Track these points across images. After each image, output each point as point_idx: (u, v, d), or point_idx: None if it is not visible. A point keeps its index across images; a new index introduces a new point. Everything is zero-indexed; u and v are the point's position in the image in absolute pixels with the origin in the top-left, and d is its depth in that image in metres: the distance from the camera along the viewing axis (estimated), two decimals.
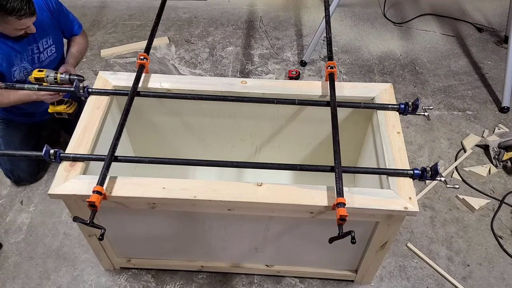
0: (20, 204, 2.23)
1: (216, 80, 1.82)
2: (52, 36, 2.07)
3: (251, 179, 1.47)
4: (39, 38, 2.00)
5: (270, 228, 1.63)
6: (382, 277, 1.97)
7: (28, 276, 1.96)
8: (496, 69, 3.08)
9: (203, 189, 1.42)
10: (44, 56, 2.06)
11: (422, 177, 1.44)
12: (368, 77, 3.02)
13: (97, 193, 1.31)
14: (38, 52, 2.02)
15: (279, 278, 1.96)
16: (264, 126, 1.99)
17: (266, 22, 3.52)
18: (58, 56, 2.14)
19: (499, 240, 2.10)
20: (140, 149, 2.15)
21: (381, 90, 1.76)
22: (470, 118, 2.72)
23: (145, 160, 1.50)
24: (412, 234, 2.12)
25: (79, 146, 1.53)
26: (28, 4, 1.72)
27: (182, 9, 3.64)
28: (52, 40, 2.07)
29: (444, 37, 3.38)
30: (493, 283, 1.95)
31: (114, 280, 1.94)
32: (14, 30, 1.82)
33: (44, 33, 2.02)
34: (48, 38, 2.04)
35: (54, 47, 2.09)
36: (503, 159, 2.38)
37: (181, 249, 1.83)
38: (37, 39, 2.00)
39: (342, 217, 1.27)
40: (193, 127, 2.02)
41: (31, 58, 2.01)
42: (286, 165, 1.51)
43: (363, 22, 3.53)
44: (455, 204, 2.26)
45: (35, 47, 2.00)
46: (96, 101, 1.70)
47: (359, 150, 2.03)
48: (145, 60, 1.76)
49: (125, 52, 3.19)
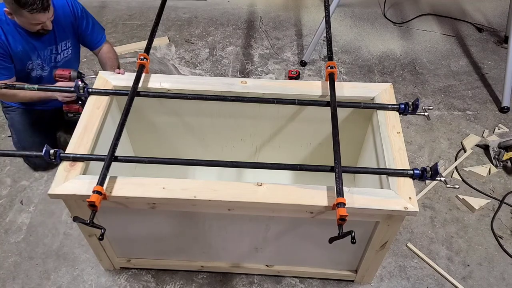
0: (20, 204, 2.23)
1: (216, 80, 1.82)
2: (71, 39, 2.14)
3: (251, 179, 1.47)
4: (59, 40, 2.08)
5: (270, 228, 1.63)
6: (382, 277, 1.97)
7: (28, 276, 1.96)
8: (496, 69, 3.08)
9: (203, 189, 1.42)
10: (60, 57, 2.14)
11: (422, 177, 1.44)
12: (368, 77, 3.02)
13: (97, 193, 1.31)
14: (56, 53, 2.11)
15: (279, 278, 1.96)
16: (264, 126, 1.99)
17: (266, 22, 3.52)
18: (72, 58, 2.21)
19: (499, 240, 2.10)
20: (140, 149, 2.15)
21: (381, 90, 1.76)
22: (470, 118, 2.72)
23: (145, 160, 1.50)
24: (412, 234, 2.12)
25: (79, 146, 1.54)
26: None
27: (182, 9, 3.64)
28: (70, 43, 2.14)
29: (444, 37, 3.38)
30: (493, 283, 1.95)
31: (114, 280, 1.94)
32: (30, 24, 1.87)
33: (65, 36, 2.09)
34: (68, 41, 2.13)
35: (71, 49, 2.16)
36: (503, 159, 2.38)
37: (181, 249, 1.83)
38: (58, 41, 2.07)
39: (342, 217, 1.27)
40: (193, 127, 2.02)
41: (49, 58, 2.09)
42: (286, 165, 1.51)
43: (363, 22, 3.53)
44: (455, 204, 2.25)
45: (54, 48, 2.08)
46: (96, 101, 1.70)
47: (359, 150, 2.03)
48: (145, 60, 1.76)
49: (125, 52, 3.19)
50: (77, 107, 1.88)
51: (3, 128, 2.60)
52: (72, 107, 1.90)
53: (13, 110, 2.27)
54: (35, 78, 2.12)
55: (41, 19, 1.83)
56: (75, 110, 1.90)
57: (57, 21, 2.00)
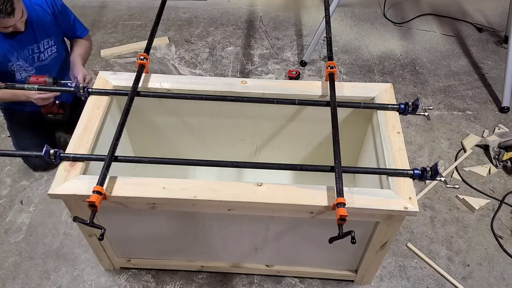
0: (20, 204, 2.23)
1: (216, 80, 1.82)
2: (54, 37, 2.11)
3: (251, 179, 1.47)
4: (40, 38, 2.05)
5: (270, 228, 1.63)
6: (382, 277, 1.97)
7: (28, 276, 1.96)
8: (496, 69, 3.08)
9: (203, 189, 1.42)
10: (45, 56, 2.10)
11: (422, 177, 1.44)
12: (368, 77, 3.02)
13: (97, 193, 1.31)
14: (39, 52, 2.07)
15: (279, 278, 1.96)
16: (264, 126, 1.99)
17: (266, 22, 3.52)
18: (60, 55, 2.18)
19: (499, 240, 2.10)
20: (140, 149, 2.15)
21: (381, 90, 1.76)
22: (470, 118, 2.72)
23: (145, 160, 1.50)
24: (412, 234, 2.12)
25: (79, 146, 1.53)
26: (5, 4, 1.73)
27: (182, 9, 3.64)
28: (53, 41, 2.11)
29: (444, 37, 3.38)
30: (493, 283, 1.95)
31: (114, 280, 1.94)
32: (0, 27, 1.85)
33: (45, 34, 2.06)
34: (50, 39, 2.10)
35: (55, 47, 2.13)
36: (503, 159, 2.38)
37: (181, 249, 1.83)
38: (38, 39, 2.04)
39: (342, 217, 1.27)
40: (193, 127, 2.02)
41: (31, 57, 2.05)
42: (286, 165, 1.51)
43: (363, 22, 3.53)
44: (455, 204, 2.25)
45: (35, 47, 2.05)
46: (96, 101, 1.70)
47: (359, 150, 2.03)
48: (145, 60, 1.76)
49: (125, 52, 3.19)
50: (56, 108, 1.88)
51: (3, 128, 2.60)
52: (51, 108, 1.90)
53: (10, 112, 2.27)
54: (20, 81, 2.08)
55: (8, 23, 1.81)
56: (55, 111, 1.90)
57: (35, 20, 1.98)
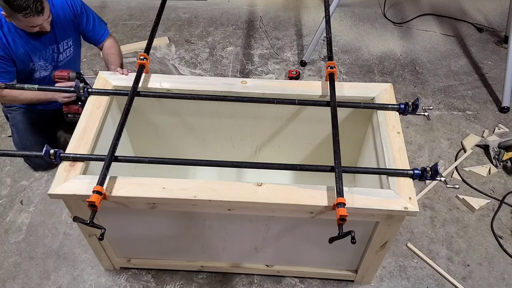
0: (20, 204, 2.23)
1: (216, 80, 1.82)
2: (73, 38, 2.14)
3: (251, 179, 1.47)
4: (61, 39, 2.08)
5: (270, 228, 1.63)
6: (382, 277, 1.97)
7: (28, 276, 1.96)
8: (496, 69, 3.08)
9: (203, 189, 1.42)
10: (63, 56, 2.14)
11: (422, 177, 1.44)
12: (368, 77, 3.01)
13: (97, 193, 1.31)
14: (58, 52, 2.11)
15: (279, 278, 1.96)
16: (264, 126, 1.99)
17: (266, 22, 3.52)
18: (74, 56, 2.21)
19: (499, 240, 2.10)
20: (140, 149, 2.15)
21: (381, 90, 1.76)
22: (470, 118, 2.72)
23: (145, 160, 1.50)
24: (412, 234, 2.12)
25: (79, 146, 1.54)
26: (35, 3, 1.75)
27: (182, 9, 3.64)
28: (72, 42, 2.14)
29: (444, 37, 3.38)
30: (493, 283, 1.95)
31: (114, 280, 1.94)
32: (27, 27, 1.87)
33: (65, 35, 2.09)
34: (69, 39, 2.12)
35: (72, 48, 2.16)
36: (503, 159, 2.38)
37: (181, 249, 1.83)
38: (59, 40, 2.07)
39: (342, 217, 1.27)
40: (193, 127, 2.02)
41: (51, 57, 2.09)
42: (286, 165, 1.51)
43: (363, 22, 3.53)
44: (455, 204, 2.25)
45: (55, 47, 2.08)
46: (96, 101, 1.70)
47: (359, 150, 2.03)
48: (145, 60, 1.76)
49: (125, 52, 3.18)
50: (77, 108, 1.88)
51: (3, 128, 2.60)
52: (72, 108, 1.90)
53: (15, 110, 2.28)
54: (38, 79, 2.12)
55: (37, 22, 1.82)
56: (74, 111, 1.90)
57: (56, 21, 2.00)
